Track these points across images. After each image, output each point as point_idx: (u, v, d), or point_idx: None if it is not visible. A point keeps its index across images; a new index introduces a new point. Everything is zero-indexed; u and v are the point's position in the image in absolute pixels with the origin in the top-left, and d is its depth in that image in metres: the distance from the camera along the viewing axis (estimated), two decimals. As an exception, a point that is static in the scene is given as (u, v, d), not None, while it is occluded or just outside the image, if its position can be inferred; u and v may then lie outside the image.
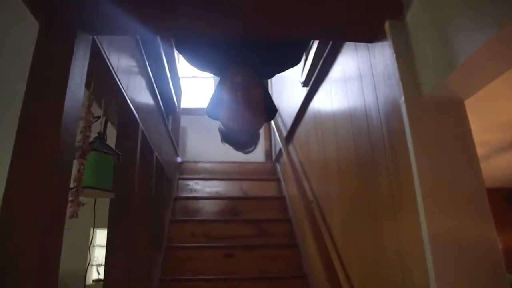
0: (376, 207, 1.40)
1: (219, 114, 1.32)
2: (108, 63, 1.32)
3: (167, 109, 3.14)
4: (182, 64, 5.16)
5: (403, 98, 1.07)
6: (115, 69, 1.40)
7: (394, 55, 1.11)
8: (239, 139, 1.34)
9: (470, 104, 1.08)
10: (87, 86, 1.32)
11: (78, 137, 1.23)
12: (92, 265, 4.37)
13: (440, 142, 1.02)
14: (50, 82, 0.93)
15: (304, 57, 2.39)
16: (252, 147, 1.41)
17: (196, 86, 5.27)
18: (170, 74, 3.05)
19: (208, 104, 1.37)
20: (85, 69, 1.06)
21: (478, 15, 0.84)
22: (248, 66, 1.30)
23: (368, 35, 1.23)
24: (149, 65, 2.10)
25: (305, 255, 2.70)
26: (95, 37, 1.17)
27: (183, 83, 4.53)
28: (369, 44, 1.42)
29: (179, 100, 4.06)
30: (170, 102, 3.27)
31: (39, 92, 0.91)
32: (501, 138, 2.42)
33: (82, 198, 1.24)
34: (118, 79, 1.44)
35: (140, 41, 1.79)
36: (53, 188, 0.86)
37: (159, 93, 2.49)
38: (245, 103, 1.23)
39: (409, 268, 1.09)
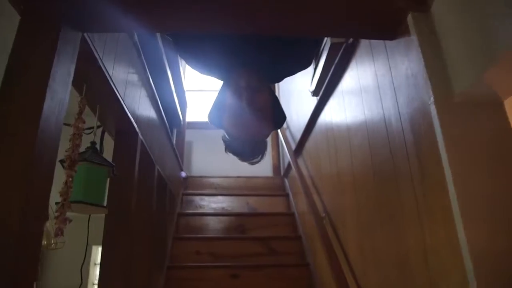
0: (398, 222, 1.25)
1: (222, 120, 1.21)
2: (102, 67, 1.20)
3: (171, 122, 3.04)
4: (188, 77, 5.09)
5: (432, 98, 0.93)
6: (110, 74, 1.29)
7: (420, 51, 0.98)
8: (244, 149, 1.22)
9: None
10: (79, 90, 1.21)
11: (67, 145, 1.12)
12: (93, 283, 4.22)
13: (478, 148, 0.88)
14: (28, 80, 0.81)
15: (313, 65, 2.28)
16: (259, 157, 1.28)
17: (202, 100, 5.18)
18: (174, 85, 2.96)
19: (210, 110, 1.26)
20: (72, 70, 0.95)
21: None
22: (255, 69, 1.18)
23: (388, 31, 1.10)
24: (151, 75, 2.00)
25: (316, 274, 2.53)
26: (86, 36, 1.06)
27: (189, 96, 4.45)
28: (386, 43, 1.30)
29: (184, 113, 3.96)
30: (174, 114, 3.17)
31: (15, 91, 0.80)
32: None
33: (71, 214, 1.11)
34: (114, 85, 1.33)
35: (139, 46, 1.69)
36: (26, 202, 0.74)
37: (162, 105, 2.38)
38: (251, 109, 1.12)
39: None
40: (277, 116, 1.25)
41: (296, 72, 1.34)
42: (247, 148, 1.22)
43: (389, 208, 1.33)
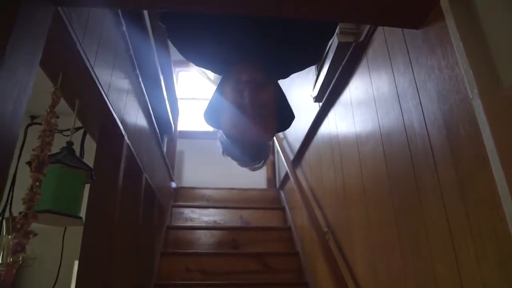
0: (421, 245, 1.08)
1: (220, 120, 1.05)
2: (82, 53, 1.03)
3: (162, 129, 2.85)
4: (181, 84, 4.93)
5: (476, 90, 0.78)
6: (92, 63, 1.11)
7: (458, 36, 0.83)
8: (244, 152, 1.06)
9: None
10: (54, 80, 1.04)
11: (35, 143, 0.94)
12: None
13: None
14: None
15: (316, 69, 2.13)
16: (261, 163, 1.11)
17: (195, 109, 5.00)
18: (166, 91, 2.78)
19: (206, 108, 1.09)
20: (40, 49, 0.77)
21: None
22: (259, 61, 1.03)
23: (416, 16, 0.95)
24: (141, 77, 1.82)
25: (316, 295, 2.34)
26: (61, 11, 0.89)
27: (181, 104, 4.28)
28: (406, 36, 1.15)
29: (175, 121, 3.78)
30: (165, 121, 2.99)
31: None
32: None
33: (38, 226, 0.93)
34: (97, 77, 1.16)
35: (128, 39, 1.52)
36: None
37: (152, 109, 2.20)
38: (253, 107, 0.96)
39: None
40: (283, 116, 1.09)
41: (305, 68, 1.19)
42: (248, 151, 1.06)
43: (410, 229, 1.16)
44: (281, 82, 1.13)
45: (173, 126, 3.47)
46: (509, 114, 0.74)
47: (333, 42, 1.70)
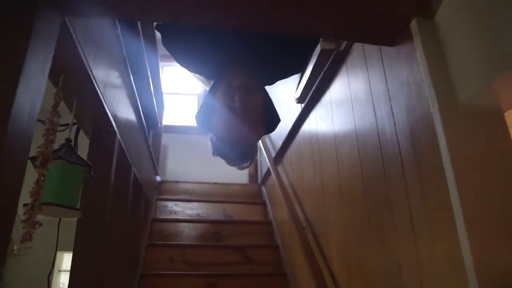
0: (389, 237, 1.21)
1: (211, 122, 1.13)
2: (83, 57, 1.11)
3: (148, 123, 2.91)
4: (165, 79, 4.97)
5: (436, 106, 0.89)
6: (91, 65, 1.19)
7: (424, 57, 0.95)
8: (233, 152, 1.15)
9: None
10: (54, 82, 1.11)
11: (38, 143, 1.01)
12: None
13: (485, 160, 0.84)
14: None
15: (299, 75, 2.23)
16: (248, 162, 1.21)
17: (179, 103, 5.06)
18: (153, 86, 2.84)
19: (198, 111, 1.18)
20: (50, 56, 0.85)
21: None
22: (250, 68, 1.12)
23: (390, 36, 1.07)
24: (131, 72, 1.89)
25: (295, 285, 2.47)
26: (67, 20, 0.96)
27: (165, 99, 4.32)
28: (382, 50, 1.26)
29: (161, 115, 3.83)
30: (152, 115, 3.04)
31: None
32: None
33: (41, 217, 1.00)
34: (94, 79, 1.23)
35: (122, 40, 1.59)
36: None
37: (140, 105, 2.27)
38: (242, 110, 1.05)
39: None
40: (270, 119, 1.19)
41: (291, 75, 1.29)
42: (237, 151, 1.15)
43: (381, 227, 1.28)
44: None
45: (159, 122, 3.52)
46: (463, 129, 0.87)
47: (316, 49, 1.81)
